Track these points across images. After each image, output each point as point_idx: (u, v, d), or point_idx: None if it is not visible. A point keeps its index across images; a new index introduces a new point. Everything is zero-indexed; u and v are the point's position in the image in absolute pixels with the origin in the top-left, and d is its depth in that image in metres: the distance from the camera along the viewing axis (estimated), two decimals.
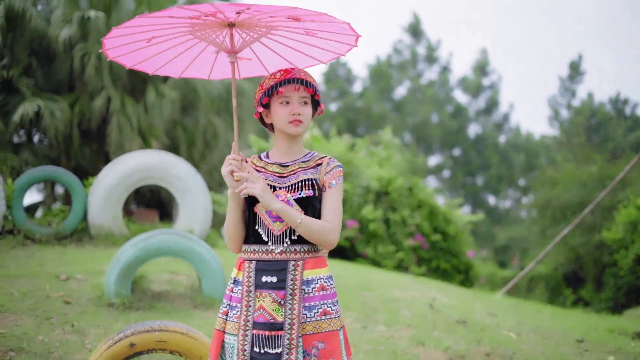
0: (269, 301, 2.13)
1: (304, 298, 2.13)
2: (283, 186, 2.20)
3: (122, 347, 3.63)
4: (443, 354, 4.58)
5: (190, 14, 2.12)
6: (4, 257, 6.19)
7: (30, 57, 13.09)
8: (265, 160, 2.30)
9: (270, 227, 2.18)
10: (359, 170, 11.53)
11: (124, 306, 5.04)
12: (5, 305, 4.87)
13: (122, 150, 13.03)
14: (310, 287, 2.14)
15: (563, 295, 15.43)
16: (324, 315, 2.12)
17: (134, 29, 2.23)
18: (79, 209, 7.24)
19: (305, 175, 2.21)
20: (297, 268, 2.15)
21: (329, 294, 2.16)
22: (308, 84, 2.23)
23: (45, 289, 5.27)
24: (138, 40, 2.31)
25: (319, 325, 2.11)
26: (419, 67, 30.10)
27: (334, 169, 2.24)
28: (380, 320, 5.33)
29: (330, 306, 2.15)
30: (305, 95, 2.24)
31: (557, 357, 4.84)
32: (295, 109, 2.22)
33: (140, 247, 5.08)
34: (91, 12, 12.88)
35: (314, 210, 2.18)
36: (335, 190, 2.22)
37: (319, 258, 2.20)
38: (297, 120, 2.22)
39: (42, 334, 4.49)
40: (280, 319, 2.11)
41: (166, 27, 2.24)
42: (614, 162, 18.18)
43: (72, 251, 6.71)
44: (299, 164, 2.26)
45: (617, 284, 12.43)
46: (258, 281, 2.15)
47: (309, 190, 2.18)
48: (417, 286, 6.94)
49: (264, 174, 2.25)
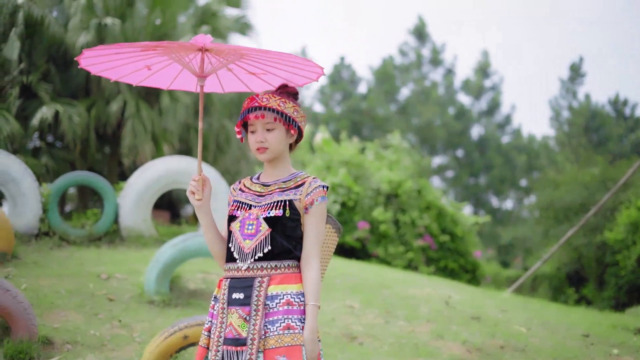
0: (235, 317, 2.18)
1: (268, 313, 2.16)
2: (258, 205, 2.26)
3: (177, 338, 4.05)
4: (461, 347, 4.98)
5: (167, 42, 2.31)
6: (44, 257, 6.59)
7: (48, 63, 13.47)
8: (252, 181, 2.38)
9: (241, 245, 2.24)
10: (369, 173, 11.93)
11: (164, 303, 5.43)
12: (54, 303, 5.27)
13: (135, 154, 13.42)
14: (274, 302, 2.16)
15: (565, 294, 15.78)
16: (287, 330, 2.13)
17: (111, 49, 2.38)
18: (110, 212, 7.65)
19: (280, 197, 2.25)
20: (262, 284, 2.18)
21: (294, 309, 2.16)
22: (267, 109, 2.25)
23: (89, 287, 5.66)
24: (118, 59, 2.42)
25: (281, 339, 2.12)
26: (424, 69, 30.52)
27: (315, 189, 2.26)
28: (401, 315, 5.73)
29: (295, 321, 2.14)
30: (269, 122, 2.26)
31: (565, 350, 5.24)
32: (258, 137, 2.27)
33: (179, 249, 5.48)
34: (107, 19, 13.28)
35: (284, 229, 2.21)
36: (316, 211, 2.24)
37: (288, 275, 2.21)
38: (261, 147, 2.27)
39: (93, 329, 4.89)
40: (245, 334, 2.14)
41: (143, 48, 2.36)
42: (615, 163, 18.55)
43: (106, 252, 7.11)
44: (279, 184, 2.30)
45: (618, 283, 12.83)
46: (229, 298, 2.21)
47: (279, 211, 2.21)
48: (430, 284, 7.34)
49: (246, 193, 2.34)
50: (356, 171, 11.97)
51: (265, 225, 2.21)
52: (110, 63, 2.48)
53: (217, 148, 14.57)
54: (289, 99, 2.32)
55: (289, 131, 2.32)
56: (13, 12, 13.01)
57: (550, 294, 16.20)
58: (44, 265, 6.27)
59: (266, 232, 2.21)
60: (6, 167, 7.04)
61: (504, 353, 4.99)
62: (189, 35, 13.87)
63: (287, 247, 2.22)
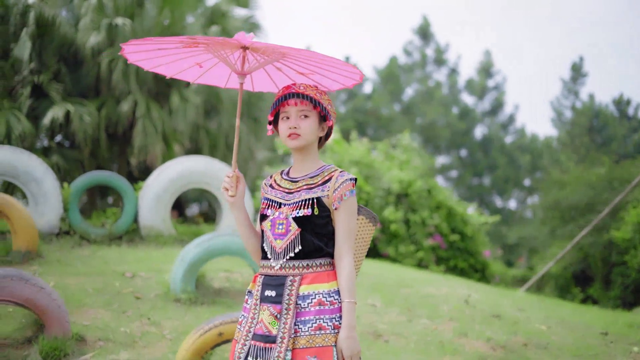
0: (267, 314, 2.20)
1: (299, 313, 2.17)
2: (287, 203, 2.27)
3: (212, 335, 4.13)
4: (485, 344, 5.05)
5: (209, 38, 2.29)
6: (68, 256, 6.66)
7: (59, 63, 13.53)
8: (282, 177, 2.38)
9: (272, 245, 2.26)
10: (380, 173, 12.01)
11: (190, 301, 5.51)
12: (83, 301, 5.34)
13: (146, 154, 13.49)
14: (306, 302, 2.17)
15: (572, 293, 15.87)
16: (318, 330, 2.14)
17: (154, 41, 2.38)
18: (130, 212, 7.72)
19: (308, 194, 2.25)
20: (293, 284, 2.19)
21: (326, 309, 2.16)
22: (304, 96, 2.26)
23: (115, 286, 5.73)
24: (157, 49, 2.43)
25: (313, 340, 2.13)
26: (428, 69, 30.59)
27: (343, 184, 2.24)
28: (422, 314, 5.80)
29: (327, 322, 2.15)
30: (304, 109, 2.28)
31: (586, 348, 5.31)
32: (292, 122, 2.27)
33: (204, 248, 5.55)
34: (118, 19, 13.34)
35: (313, 227, 2.22)
36: (345, 207, 2.24)
37: (320, 273, 2.21)
38: (294, 133, 2.27)
39: (123, 326, 4.96)
40: (275, 332, 2.16)
41: (185, 41, 2.36)
42: (621, 163, 18.62)
43: (128, 251, 7.19)
44: (306, 180, 2.30)
45: (624, 283, 12.90)
46: (262, 295, 2.24)
47: (307, 210, 2.21)
48: (447, 283, 7.41)
49: (275, 190, 2.34)
50: (367, 171, 12.05)
51: (294, 225, 2.22)
52: (159, 59, 2.50)
53: (227, 147, 14.64)
54: (323, 94, 2.35)
55: (322, 123, 2.33)
56: (24, 13, 13.09)
57: (556, 293, 16.29)
58: (68, 263, 6.35)
59: (296, 232, 2.22)
60: (28, 166, 7.12)
61: (527, 350, 5.07)
62: (199, 35, 13.93)
63: (318, 244, 2.22)
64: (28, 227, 6.28)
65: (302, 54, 2.30)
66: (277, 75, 2.55)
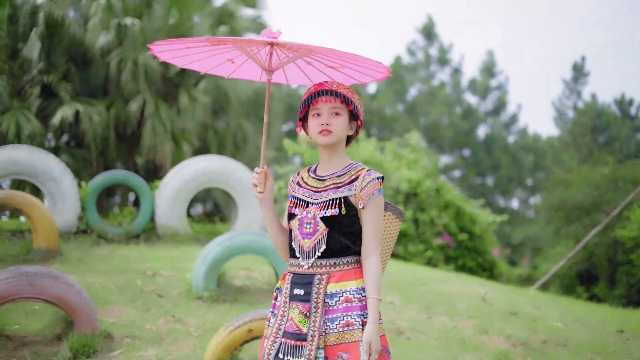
0: (296, 313, 2.23)
1: (327, 310, 2.20)
2: (315, 202, 2.29)
3: (241, 332, 4.19)
4: (506, 341, 5.12)
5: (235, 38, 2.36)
6: (87, 254, 6.72)
7: (68, 63, 13.59)
8: (309, 174, 2.40)
9: (300, 244, 2.28)
10: (389, 172, 12.08)
11: (212, 299, 5.57)
12: (106, 299, 5.41)
13: (154, 153, 13.55)
14: (333, 300, 2.21)
15: (576, 292, 15.94)
16: (346, 327, 2.18)
17: (181, 40, 2.43)
18: (147, 211, 7.79)
19: (335, 194, 2.27)
20: (321, 282, 2.22)
21: (353, 305, 2.20)
22: (337, 94, 2.28)
23: (137, 284, 5.80)
24: (186, 47, 2.46)
25: (342, 337, 2.17)
26: (431, 68, 30.67)
27: (370, 183, 2.26)
28: (441, 311, 5.87)
29: (355, 317, 2.19)
30: (337, 106, 2.29)
31: (604, 345, 5.38)
32: (324, 119, 2.29)
33: (226, 246, 5.62)
34: (127, 19, 13.40)
35: (341, 226, 2.25)
36: (372, 206, 2.25)
37: (348, 271, 2.24)
38: (326, 130, 2.28)
39: (148, 324, 5.02)
40: (305, 330, 2.19)
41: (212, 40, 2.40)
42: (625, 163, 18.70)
43: (146, 249, 7.25)
44: (334, 179, 2.31)
45: (630, 282, 12.97)
46: (291, 293, 2.27)
47: (335, 210, 2.23)
48: (461, 281, 7.48)
49: (303, 188, 2.36)
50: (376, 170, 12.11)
51: (322, 225, 2.24)
52: (191, 56, 2.54)
53: (235, 147, 14.70)
54: (354, 93, 2.36)
55: (352, 121, 2.34)
56: (33, 13, 13.15)
57: (561, 292, 16.36)
58: (89, 262, 6.41)
59: (324, 231, 2.24)
60: (46, 166, 7.18)
61: (546, 347, 5.13)
62: (207, 36, 14.00)
63: (346, 243, 2.25)
64: (49, 226, 6.34)
65: (328, 51, 2.32)
66: (309, 69, 2.57)
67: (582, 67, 31.36)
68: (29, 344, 4.50)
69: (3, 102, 12.27)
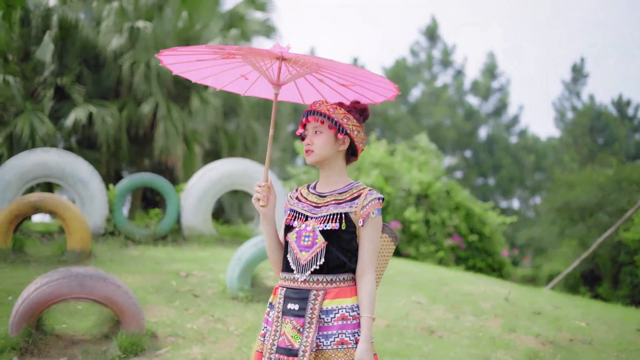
0: (289, 327, 2.21)
1: (322, 327, 2.19)
2: (315, 216, 2.29)
3: None
4: (535, 340, 5.29)
5: (241, 48, 2.32)
6: (118, 256, 6.87)
7: (80, 65, 13.72)
8: (309, 190, 2.40)
9: (297, 257, 2.26)
10: (400, 174, 12.26)
11: (247, 299, 5.72)
12: (145, 299, 5.55)
13: (167, 155, 13.69)
14: (329, 317, 2.20)
15: (580, 292, 16.14)
16: (340, 345, 2.17)
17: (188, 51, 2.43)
18: (173, 213, 7.94)
19: (336, 209, 2.27)
20: (317, 298, 2.21)
21: (348, 324, 2.19)
22: (316, 112, 2.30)
23: (172, 284, 5.95)
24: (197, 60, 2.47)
25: (335, 354, 2.16)
26: (434, 70, 30.89)
27: (371, 202, 2.27)
28: (467, 311, 6.04)
29: (349, 336, 2.18)
30: (317, 125, 2.31)
31: (628, 344, 5.56)
32: (307, 139, 2.32)
33: (260, 247, 5.77)
34: (139, 22, 13.53)
35: (339, 241, 2.24)
36: (371, 224, 2.26)
37: (344, 289, 2.23)
38: (308, 150, 2.32)
39: (189, 323, 5.17)
40: (297, 345, 2.17)
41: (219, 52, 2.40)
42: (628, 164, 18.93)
43: (174, 251, 7.40)
44: (335, 195, 2.32)
45: (633, 282, 13.20)
46: (284, 308, 2.25)
47: (335, 224, 2.23)
48: (482, 282, 7.66)
49: (302, 203, 2.36)
50: (387, 172, 12.29)
51: (321, 238, 2.24)
52: (204, 70, 2.54)
53: (245, 149, 14.86)
54: (351, 113, 2.33)
55: (338, 137, 2.31)
56: (46, 15, 13.27)
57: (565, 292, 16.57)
58: (121, 262, 6.55)
59: (322, 244, 2.23)
60: (75, 169, 7.32)
61: (573, 346, 5.31)
62: (218, 39, 14.15)
63: (343, 259, 2.24)
64: (81, 228, 6.49)
65: (336, 66, 2.31)
66: (322, 87, 2.58)
67: (581, 68, 31.62)
68: (78, 342, 4.64)
69: (17, 104, 12.40)
